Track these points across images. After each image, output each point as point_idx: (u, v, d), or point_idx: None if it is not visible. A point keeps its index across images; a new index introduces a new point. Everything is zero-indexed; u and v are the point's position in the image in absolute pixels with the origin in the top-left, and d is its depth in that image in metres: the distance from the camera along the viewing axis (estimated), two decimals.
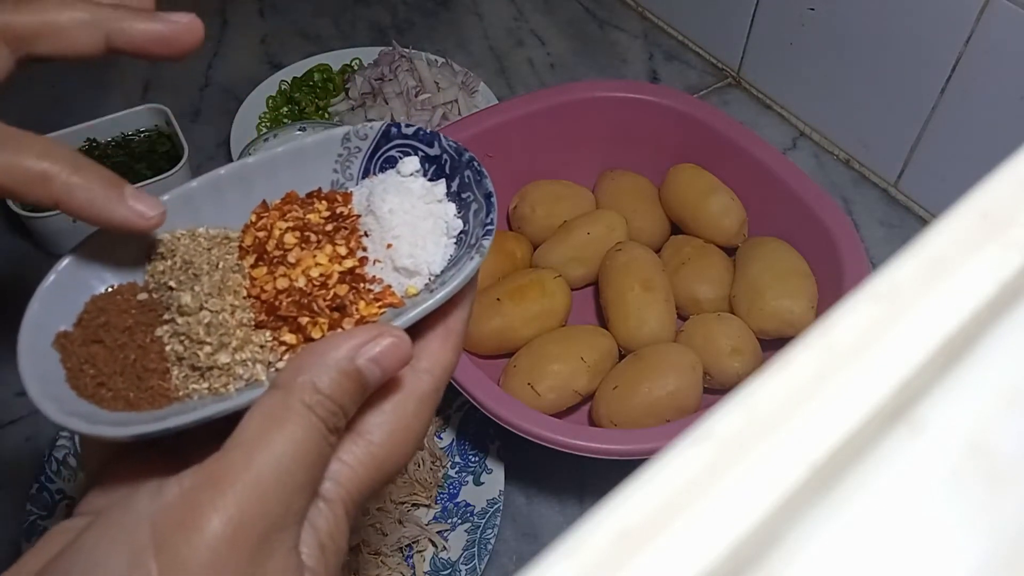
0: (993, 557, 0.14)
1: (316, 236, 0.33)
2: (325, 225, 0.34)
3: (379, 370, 0.29)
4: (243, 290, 0.32)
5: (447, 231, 0.35)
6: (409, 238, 0.33)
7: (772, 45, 0.85)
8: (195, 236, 0.34)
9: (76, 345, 0.31)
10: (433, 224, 0.34)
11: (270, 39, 0.94)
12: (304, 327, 0.31)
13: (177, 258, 0.33)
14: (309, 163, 0.36)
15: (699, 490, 0.15)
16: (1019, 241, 0.17)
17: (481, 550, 0.55)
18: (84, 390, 0.31)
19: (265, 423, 0.26)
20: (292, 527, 0.26)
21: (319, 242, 0.33)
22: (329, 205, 0.35)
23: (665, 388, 0.58)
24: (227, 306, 0.32)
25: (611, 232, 0.68)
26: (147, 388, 0.31)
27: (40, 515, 0.54)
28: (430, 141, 0.36)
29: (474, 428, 0.61)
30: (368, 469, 0.29)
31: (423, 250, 0.34)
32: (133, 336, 0.32)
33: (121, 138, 0.76)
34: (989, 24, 0.65)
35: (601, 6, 1.00)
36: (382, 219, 0.34)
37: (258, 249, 0.33)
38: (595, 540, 0.14)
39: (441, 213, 0.35)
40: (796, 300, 0.62)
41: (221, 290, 0.32)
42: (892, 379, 0.16)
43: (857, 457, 0.15)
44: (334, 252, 0.33)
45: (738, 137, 0.70)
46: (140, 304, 0.33)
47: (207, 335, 0.31)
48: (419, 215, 0.34)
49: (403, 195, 0.35)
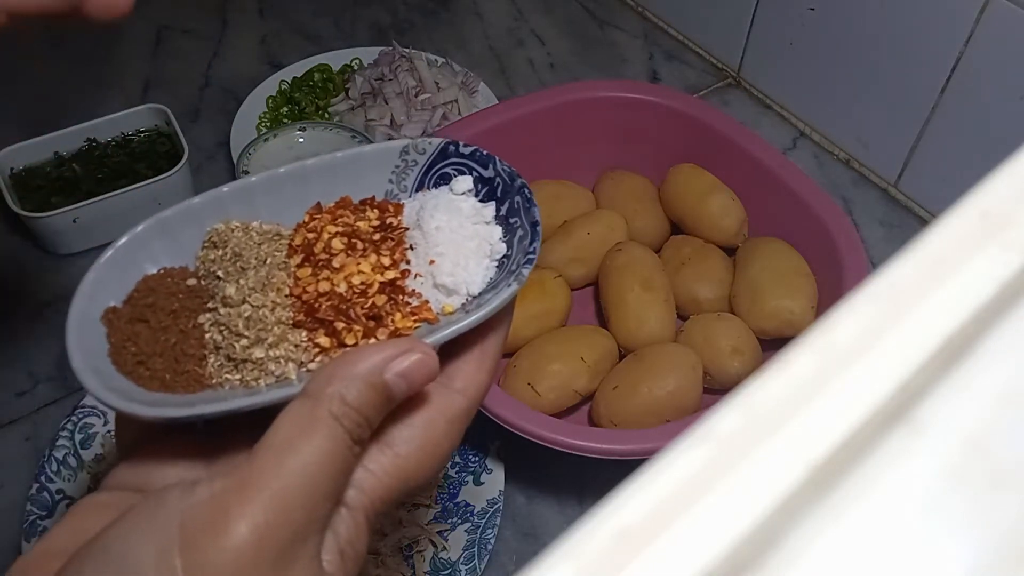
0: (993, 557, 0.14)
1: (363, 244, 0.34)
2: (373, 234, 0.34)
3: (406, 384, 0.29)
4: (286, 288, 0.33)
5: (490, 253, 0.35)
6: (452, 256, 0.34)
7: (772, 45, 0.85)
8: (248, 229, 0.35)
9: (122, 322, 0.32)
10: (477, 245, 0.35)
11: (270, 39, 0.94)
12: (339, 332, 0.32)
13: (228, 249, 0.34)
14: (366, 171, 0.37)
15: (699, 490, 0.15)
16: (1019, 241, 0.17)
17: (481, 550, 0.55)
18: (124, 366, 0.31)
19: (293, 431, 0.27)
20: (315, 535, 0.27)
21: (364, 250, 0.34)
22: (380, 214, 0.35)
23: (665, 388, 0.58)
24: (268, 302, 0.32)
25: (611, 232, 0.68)
26: (183, 372, 0.32)
27: (40, 515, 0.54)
28: (485, 163, 0.37)
29: (474, 428, 0.61)
30: (392, 479, 0.30)
31: (464, 270, 0.34)
32: (177, 320, 0.33)
33: (121, 138, 0.76)
34: (989, 24, 0.65)
35: (601, 6, 1.00)
36: (428, 234, 0.34)
37: (306, 250, 0.34)
38: (595, 540, 0.14)
39: (487, 235, 0.35)
40: (796, 300, 0.62)
41: (265, 286, 0.33)
42: (892, 379, 0.16)
43: (857, 457, 0.15)
44: (378, 262, 0.33)
45: (738, 137, 0.70)
46: (188, 289, 0.34)
47: (245, 328, 0.32)
48: (465, 235, 0.35)
49: (452, 213, 0.35)
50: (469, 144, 0.37)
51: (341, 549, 0.28)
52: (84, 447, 0.58)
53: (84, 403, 0.59)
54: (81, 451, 0.58)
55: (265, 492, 0.26)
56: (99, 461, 0.58)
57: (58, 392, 0.64)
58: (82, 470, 0.57)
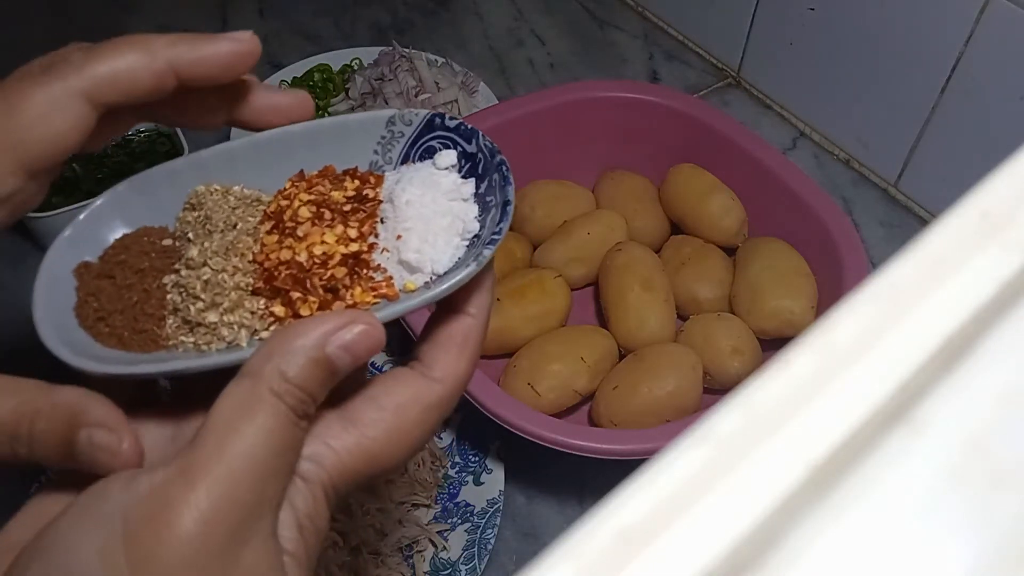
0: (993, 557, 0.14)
1: (331, 214, 0.33)
2: (345, 205, 0.33)
3: (349, 357, 0.28)
4: (250, 254, 0.32)
5: (462, 232, 0.33)
6: (420, 232, 0.33)
7: (772, 45, 0.85)
8: (228, 193, 0.34)
9: (91, 276, 0.32)
10: (449, 223, 0.33)
11: (270, 39, 0.94)
12: (294, 302, 0.31)
13: (203, 211, 0.34)
14: (352, 140, 0.36)
15: (699, 490, 0.15)
16: (1019, 241, 0.17)
17: (481, 550, 0.55)
18: (85, 320, 0.31)
19: (235, 413, 0.27)
20: (268, 515, 0.26)
21: (332, 220, 0.33)
22: (359, 185, 0.34)
23: (665, 388, 0.58)
24: (229, 267, 0.32)
25: (611, 232, 0.68)
26: (141, 331, 0.32)
27: None
28: (469, 137, 0.35)
29: (474, 428, 0.61)
30: (356, 459, 0.29)
31: (432, 247, 0.32)
32: (143, 278, 0.33)
33: (121, 138, 0.76)
34: (989, 24, 0.65)
35: (601, 6, 1.00)
36: (399, 208, 0.33)
37: (276, 216, 0.33)
38: (595, 540, 0.14)
39: (462, 213, 0.34)
40: (796, 300, 0.62)
41: (228, 250, 0.32)
42: (892, 379, 0.16)
43: (857, 457, 0.15)
44: (344, 233, 0.32)
45: (738, 137, 0.70)
46: (162, 249, 0.33)
47: (203, 291, 0.31)
48: (438, 211, 0.33)
49: (427, 187, 0.34)
50: (455, 117, 0.36)
51: (300, 523, 0.28)
52: None
53: None
54: None
55: (208, 478, 0.25)
56: None
57: None
58: None
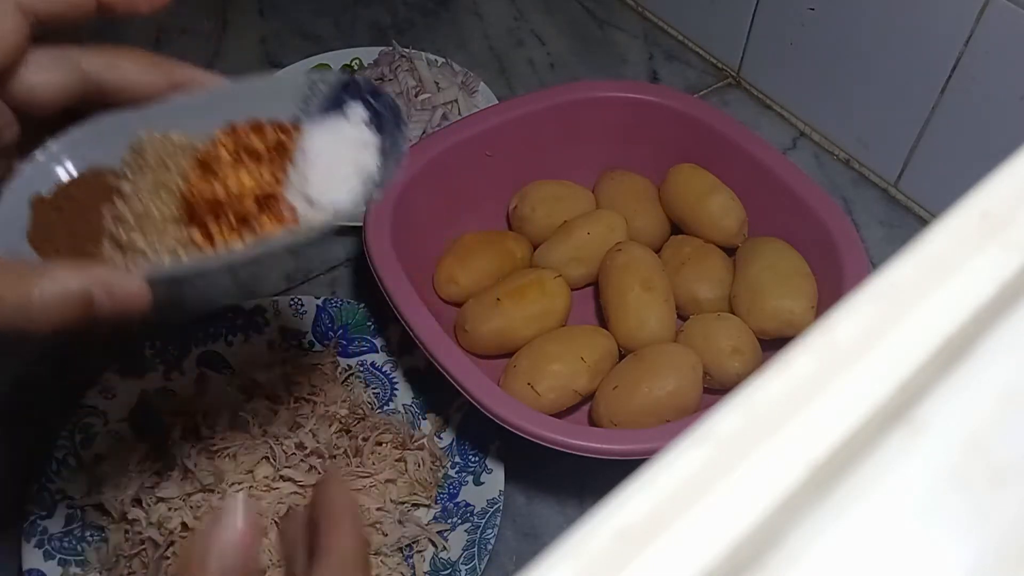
0: (993, 557, 0.14)
1: (249, 158, 0.38)
2: (263, 151, 0.39)
3: None
4: (177, 191, 0.37)
5: (364, 179, 0.39)
6: (324, 176, 0.38)
7: (772, 45, 0.85)
8: (167, 138, 0.39)
9: (45, 207, 0.37)
10: (352, 169, 0.39)
11: (270, 39, 0.94)
12: (209, 231, 0.37)
13: (142, 153, 0.39)
14: (279, 97, 0.41)
15: (699, 490, 0.15)
16: (1019, 241, 0.17)
17: (481, 550, 0.55)
18: (35, 243, 0.36)
19: None
20: None
21: (249, 164, 0.38)
22: (279, 135, 0.39)
23: (665, 388, 0.58)
24: (157, 201, 0.38)
25: (611, 232, 0.68)
26: (82, 252, 0.37)
27: (40, 515, 0.54)
28: (378, 98, 0.41)
29: (474, 428, 0.61)
30: None
31: (334, 189, 0.38)
32: (87, 211, 0.38)
33: None
34: (989, 24, 0.65)
35: (601, 6, 1.00)
36: (309, 155, 0.39)
37: (204, 159, 0.38)
38: (595, 540, 0.14)
39: (363, 161, 0.39)
40: (796, 300, 0.62)
41: (158, 186, 0.38)
42: (892, 379, 0.16)
43: (857, 457, 0.15)
44: (259, 174, 0.38)
45: (738, 137, 0.70)
46: (106, 186, 0.39)
47: (133, 220, 0.37)
48: (343, 158, 0.39)
49: (336, 138, 0.39)
50: (369, 81, 0.42)
51: None
52: (84, 447, 0.58)
53: (84, 403, 0.59)
54: (81, 451, 0.58)
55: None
56: (99, 461, 0.58)
57: (58, 392, 0.64)
58: (82, 470, 0.57)
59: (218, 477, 0.53)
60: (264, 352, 0.65)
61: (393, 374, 0.65)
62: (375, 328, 0.66)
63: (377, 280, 0.59)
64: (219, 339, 0.64)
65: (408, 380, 0.65)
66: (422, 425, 0.63)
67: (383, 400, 0.64)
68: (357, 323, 0.66)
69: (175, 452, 0.55)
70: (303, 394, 0.60)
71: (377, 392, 0.64)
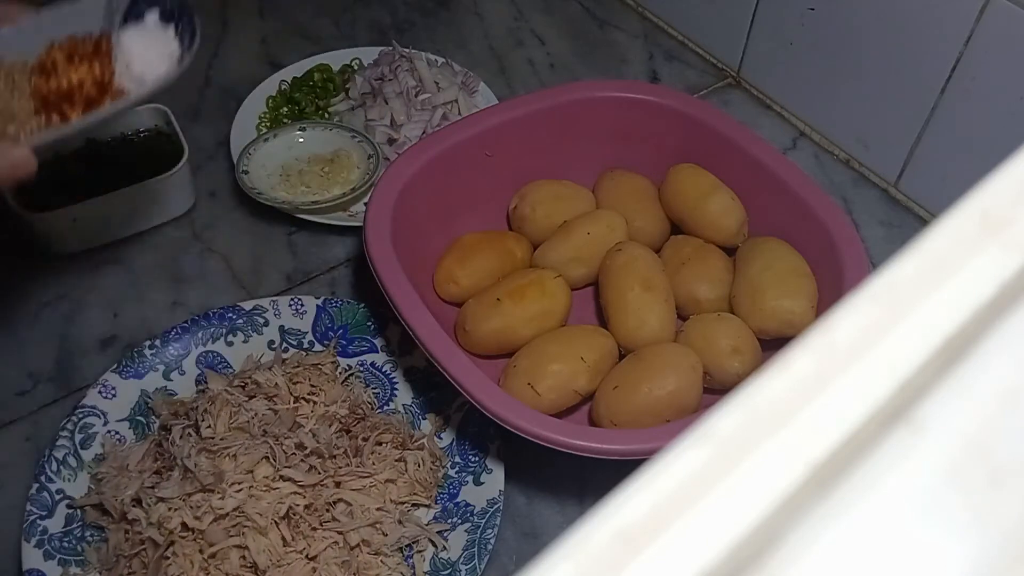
0: (993, 556, 0.14)
1: (79, 58, 0.53)
2: (88, 54, 0.53)
3: None
4: (27, 90, 0.52)
5: (168, 57, 0.55)
6: (141, 60, 0.54)
7: (772, 45, 0.85)
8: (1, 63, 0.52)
9: None
10: (160, 53, 0.55)
11: (270, 39, 0.94)
12: (65, 112, 0.52)
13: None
14: (86, 15, 0.55)
15: (699, 490, 0.15)
16: (1019, 241, 0.17)
17: (481, 550, 0.55)
18: None
19: None
20: None
21: (80, 62, 0.53)
22: (96, 41, 0.54)
23: (665, 388, 0.58)
24: (14, 100, 0.51)
25: (611, 232, 0.68)
26: None
27: (40, 515, 0.54)
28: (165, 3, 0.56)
29: (474, 428, 0.61)
30: None
31: (150, 68, 0.54)
32: None
33: (121, 138, 0.76)
34: (989, 24, 0.65)
35: (601, 6, 1.00)
36: (126, 49, 0.54)
37: (42, 67, 0.52)
38: (595, 540, 0.14)
39: (166, 47, 0.55)
40: (796, 300, 0.62)
41: (13, 90, 0.52)
42: (892, 379, 0.16)
43: (857, 457, 0.15)
44: (90, 68, 0.53)
45: (738, 137, 0.70)
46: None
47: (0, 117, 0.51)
48: (152, 46, 0.55)
49: (143, 34, 0.55)
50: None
51: None
52: (84, 447, 0.58)
53: (84, 403, 0.59)
54: (81, 451, 0.58)
55: None
56: (99, 461, 0.58)
57: (58, 392, 0.64)
58: (82, 470, 0.57)
59: (218, 477, 0.53)
60: (264, 352, 0.65)
61: (393, 374, 0.65)
62: (375, 328, 0.66)
63: (377, 280, 0.59)
64: (219, 339, 0.64)
65: (408, 380, 0.65)
66: (422, 425, 0.63)
67: (383, 400, 0.64)
68: (357, 323, 0.66)
69: (175, 452, 0.55)
70: (303, 394, 0.60)
71: (377, 392, 0.64)
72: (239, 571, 0.52)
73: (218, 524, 0.52)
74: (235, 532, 0.52)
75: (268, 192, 0.74)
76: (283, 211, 0.73)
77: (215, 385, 0.59)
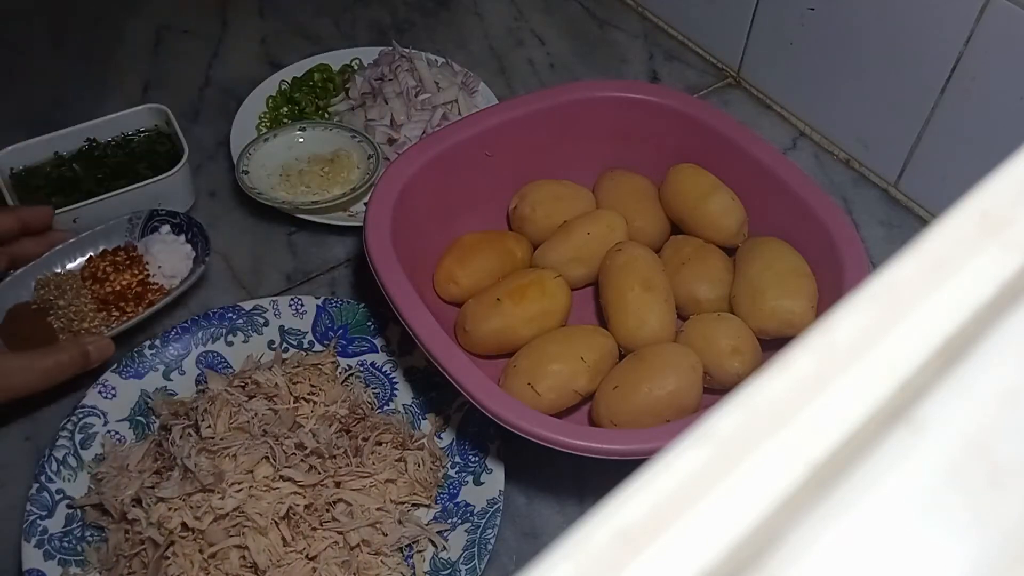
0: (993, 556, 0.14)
1: (120, 266, 0.68)
2: (125, 261, 0.68)
3: None
4: (89, 295, 0.66)
5: (187, 258, 0.70)
6: (168, 264, 0.69)
7: (772, 45, 0.85)
8: (60, 275, 0.67)
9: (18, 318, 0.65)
10: (180, 256, 0.70)
11: (270, 39, 0.94)
12: (124, 309, 0.66)
13: (51, 286, 0.66)
14: (113, 233, 0.70)
15: (699, 490, 0.15)
16: (1019, 241, 0.17)
17: (481, 550, 0.55)
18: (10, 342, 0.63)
19: None
20: None
21: (122, 269, 0.68)
22: (126, 253, 0.69)
23: (665, 388, 0.58)
24: (80, 303, 0.66)
25: (611, 232, 0.68)
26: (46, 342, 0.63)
27: (40, 515, 0.54)
28: (176, 216, 0.71)
29: (474, 428, 0.61)
30: None
31: (176, 269, 0.69)
32: (35, 325, 0.65)
33: (121, 138, 0.76)
34: (989, 24, 0.65)
35: (601, 6, 1.00)
36: (155, 255, 0.69)
37: (93, 276, 0.67)
38: (595, 540, 0.14)
39: (184, 250, 0.70)
40: (796, 300, 0.62)
41: (78, 296, 0.66)
42: (892, 379, 0.16)
43: (857, 457, 0.15)
44: (132, 273, 0.68)
45: (738, 137, 0.70)
46: (34, 311, 0.65)
47: (74, 316, 0.65)
48: (174, 254, 0.70)
49: (164, 243, 0.70)
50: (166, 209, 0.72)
51: None
52: (84, 447, 0.58)
53: (84, 403, 0.59)
54: (81, 451, 0.58)
55: None
56: (99, 461, 0.58)
57: (58, 392, 0.64)
58: (82, 470, 0.57)
59: (218, 477, 0.53)
60: (264, 352, 0.65)
61: (393, 374, 0.65)
62: (375, 328, 0.66)
63: (377, 280, 0.59)
64: (219, 339, 0.64)
65: (408, 380, 0.65)
66: (422, 425, 0.63)
67: (383, 400, 0.64)
68: (357, 323, 0.66)
69: (175, 452, 0.55)
70: (303, 394, 0.60)
71: (377, 392, 0.64)
72: (239, 571, 0.52)
73: (218, 524, 0.52)
74: (235, 532, 0.52)
75: (268, 192, 0.74)
76: (283, 211, 0.73)
77: (215, 385, 0.59)
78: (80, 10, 0.96)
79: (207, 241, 0.69)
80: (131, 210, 0.71)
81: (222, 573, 0.51)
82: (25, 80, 0.87)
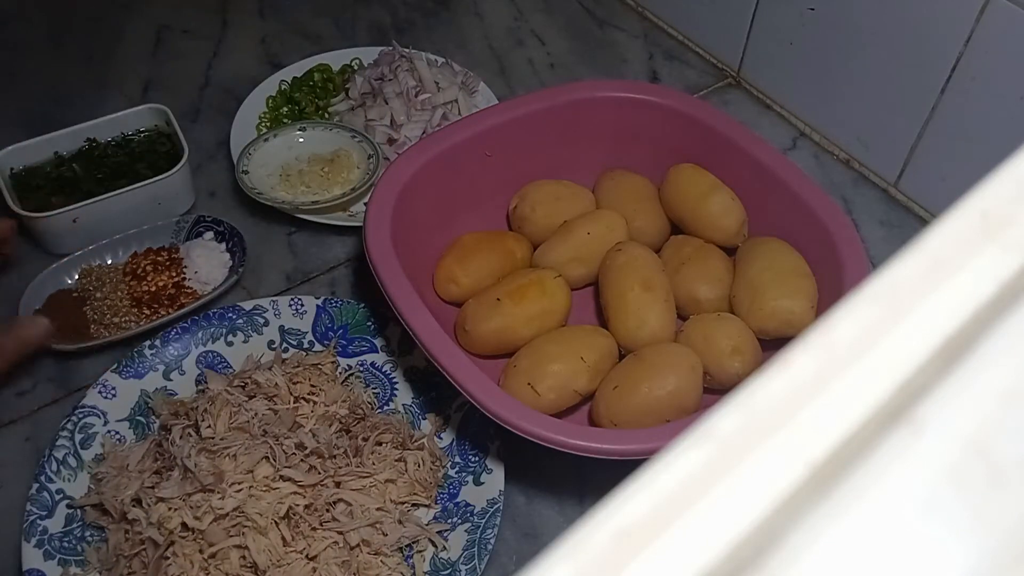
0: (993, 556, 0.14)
1: (160, 266, 0.70)
2: (166, 262, 0.70)
3: None
4: (125, 290, 0.68)
5: (224, 267, 0.71)
6: (205, 270, 0.71)
7: (772, 45, 0.85)
8: (101, 268, 0.70)
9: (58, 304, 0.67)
10: (218, 263, 0.71)
11: (270, 39, 0.94)
12: (157, 310, 0.68)
13: (92, 276, 0.69)
14: (159, 233, 0.72)
15: (699, 490, 0.15)
16: (1019, 241, 0.17)
17: (481, 550, 0.55)
18: None
19: None
20: None
21: (161, 269, 0.70)
22: (168, 254, 0.71)
23: (665, 388, 0.58)
24: (116, 298, 0.68)
25: (611, 232, 0.68)
26: (80, 335, 0.66)
27: (40, 515, 0.54)
28: (220, 224, 0.73)
29: (474, 428, 0.61)
30: None
31: (211, 276, 0.70)
32: (71, 312, 0.67)
33: (121, 138, 0.76)
34: (989, 24, 0.65)
35: (601, 6, 1.00)
36: (193, 260, 0.71)
37: (133, 272, 0.70)
38: (595, 540, 0.14)
39: (223, 257, 0.72)
40: (796, 300, 0.62)
41: (115, 290, 0.68)
42: (892, 379, 0.16)
43: (857, 457, 0.15)
44: (169, 275, 0.70)
45: (738, 137, 0.70)
46: (74, 298, 0.68)
47: (107, 309, 0.67)
48: (213, 260, 0.71)
49: (203, 249, 0.71)
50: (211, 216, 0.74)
51: None
52: (84, 447, 0.58)
53: (84, 403, 0.59)
54: (81, 451, 0.58)
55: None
56: (99, 461, 0.58)
57: (58, 392, 0.64)
58: (82, 470, 0.57)
59: (218, 477, 0.53)
60: (264, 352, 0.65)
61: (393, 374, 0.65)
62: (375, 328, 0.66)
63: (377, 280, 0.59)
64: (219, 339, 0.64)
65: (408, 380, 0.65)
66: (422, 425, 0.63)
67: (383, 400, 0.64)
68: (357, 323, 0.66)
69: (175, 452, 0.55)
70: (303, 394, 0.60)
71: (377, 392, 0.64)
72: (239, 571, 0.52)
73: (218, 524, 0.52)
74: (235, 532, 0.52)
75: (268, 192, 0.74)
76: (283, 211, 0.73)
77: (215, 385, 0.59)
78: (80, 10, 0.96)
79: (244, 252, 0.71)
80: (131, 211, 0.71)
81: (222, 573, 0.51)
82: (25, 80, 0.87)
